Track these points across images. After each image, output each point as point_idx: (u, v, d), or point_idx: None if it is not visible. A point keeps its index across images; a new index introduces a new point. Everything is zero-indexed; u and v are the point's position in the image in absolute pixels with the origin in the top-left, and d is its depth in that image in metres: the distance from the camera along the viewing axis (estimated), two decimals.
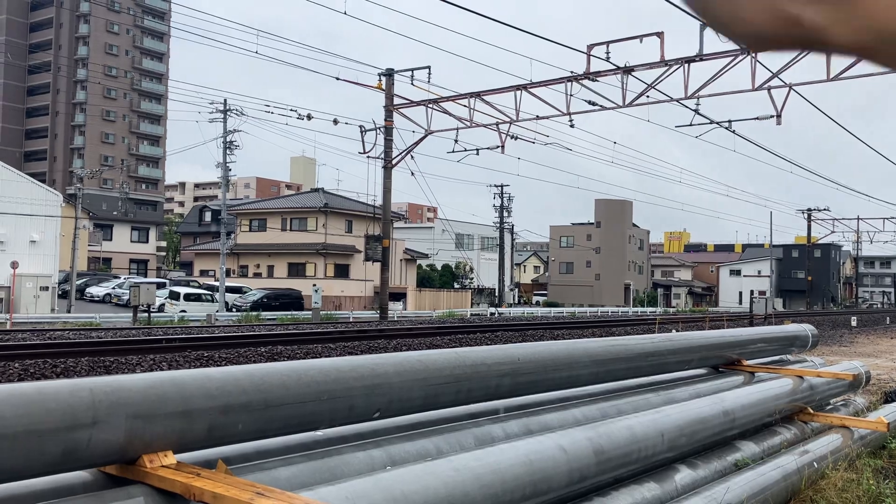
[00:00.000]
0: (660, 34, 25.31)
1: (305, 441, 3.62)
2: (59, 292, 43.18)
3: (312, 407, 3.40)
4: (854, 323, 40.87)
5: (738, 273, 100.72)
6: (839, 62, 18.59)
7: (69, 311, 38.35)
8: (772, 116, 26.40)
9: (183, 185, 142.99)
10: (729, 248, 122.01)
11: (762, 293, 75.94)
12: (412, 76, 33.09)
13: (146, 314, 31.66)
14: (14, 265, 32.90)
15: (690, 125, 28.77)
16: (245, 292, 48.64)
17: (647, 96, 27.22)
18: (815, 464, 6.09)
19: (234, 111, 43.93)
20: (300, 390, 3.35)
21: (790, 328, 9.02)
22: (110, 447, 2.67)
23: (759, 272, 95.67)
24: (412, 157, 35.54)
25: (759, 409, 6.32)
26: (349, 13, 28.19)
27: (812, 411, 7.27)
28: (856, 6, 0.36)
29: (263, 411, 3.19)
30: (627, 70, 26.87)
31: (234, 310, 43.25)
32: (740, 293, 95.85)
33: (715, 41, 23.74)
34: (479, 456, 3.64)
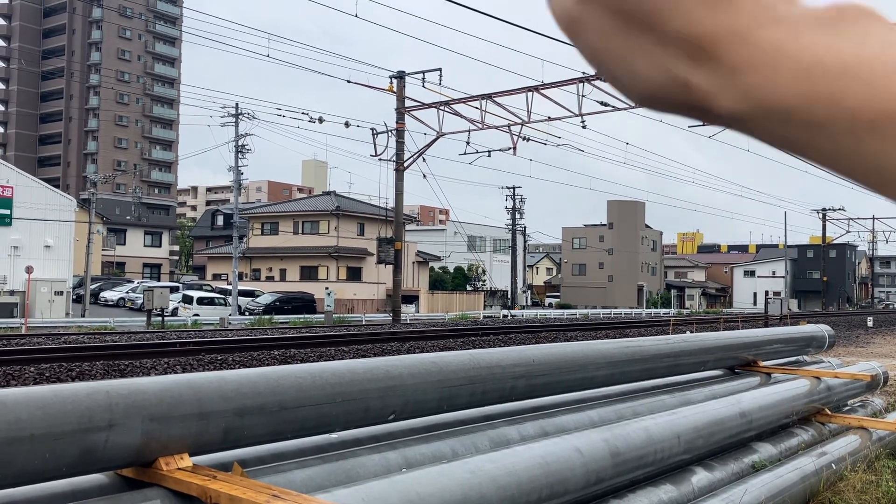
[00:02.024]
0: None
1: (320, 443, 3.61)
2: (74, 297, 43.46)
3: (327, 409, 3.40)
4: (870, 323, 40.53)
5: (752, 274, 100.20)
6: None
7: (83, 316, 38.60)
8: None
9: (195, 189, 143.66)
10: (743, 248, 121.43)
11: (777, 294, 75.53)
12: (423, 78, 33.13)
13: (160, 318, 31.82)
14: (29, 270, 33.14)
15: (703, 125, 28.60)
16: (258, 296, 48.80)
17: None
18: (833, 465, 6.04)
19: (246, 115, 44.14)
20: (315, 392, 3.35)
21: (806, 328, 8.95)
22: (127, 450, 2.67)
23: (774, 273, 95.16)
24: (424, 159, 35.59)
25: (776, 411, 6.26)
26: (360, 16, 28.23)
27: (829, 412, 7.21)
28: (736, 75, 0.40)
29: (278, 413, 3.18)
30: None
31: (246, 313, 43.40)
32: (755, 294, 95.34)
33: None
34: (495, 458, 3.63)
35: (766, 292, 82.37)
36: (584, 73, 27.98)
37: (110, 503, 2.60)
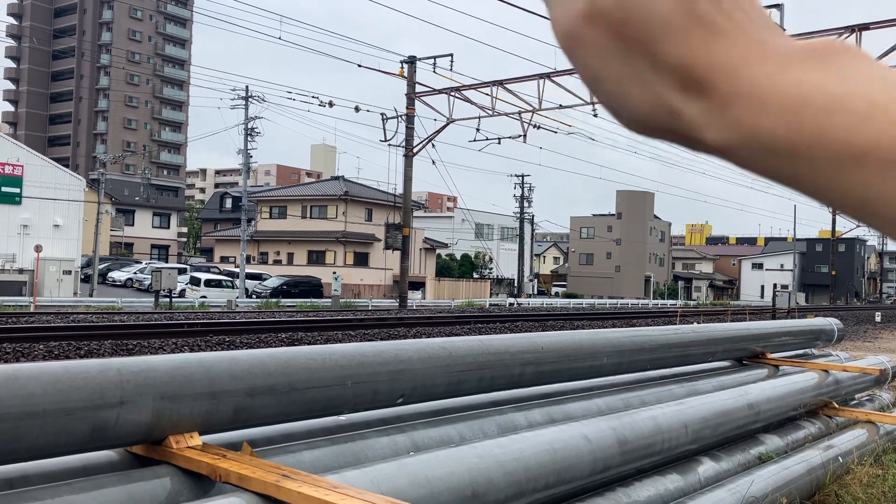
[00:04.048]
0: None
1: (329, 425, 3.61)
2: (82, 276, 43.65)
3: (337, 391, 3.40)
4: (878, 318, 40.40)
5: (760, 266, 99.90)
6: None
7: (91, 295, 38.77)
8: None
9: (204, 171, 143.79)
10: (751, 241, 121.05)
11: (784, 287, 75.27)
12: (434, 64, 33.00)
13: (167, 299, 31.95)
14: (38, 249, 33.28)
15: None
16: (265, 279, 48.92)
17: None
18: (839, 458, 6.03)
19: (256, 98, 44.07)
20: (325, 374, 3.35)
21: (815, 321, 8.92)
22: (137, 427, 2.68)
23: (782, 266, 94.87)
24: (433, 145, 35.52)
25: (784, 403, 6.25)
26: None
27: (837, 406, 7.19)
28: (726, 108, 0.42)
29: (288, 394, 3.19)
30: None
31: (253, 296, 43.54)
32: (762, 287, 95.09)
33: None
34: (503, 443, 3.63)
35: (774, 285, 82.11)
36: None
37: (121, 479, 2.61)
